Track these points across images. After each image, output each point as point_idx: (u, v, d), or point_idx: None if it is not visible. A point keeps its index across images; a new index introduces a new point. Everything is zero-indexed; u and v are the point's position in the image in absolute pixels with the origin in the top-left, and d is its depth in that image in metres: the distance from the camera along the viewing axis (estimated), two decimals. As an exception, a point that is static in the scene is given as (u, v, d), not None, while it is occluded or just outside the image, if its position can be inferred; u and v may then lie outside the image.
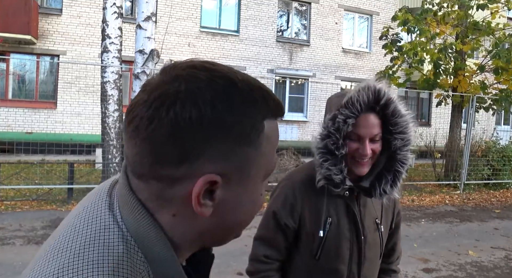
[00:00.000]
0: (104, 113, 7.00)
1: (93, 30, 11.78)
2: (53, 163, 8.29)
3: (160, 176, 0.48)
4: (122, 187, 0.52)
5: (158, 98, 0.47)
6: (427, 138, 10.50)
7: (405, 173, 1.22)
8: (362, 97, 1.14)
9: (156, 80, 0.49)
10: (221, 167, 0.48)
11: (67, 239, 0.50)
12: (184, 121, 0.45)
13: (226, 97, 0.47)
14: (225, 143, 0.47)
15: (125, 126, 0.50)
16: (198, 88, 0.47)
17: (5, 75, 11.31)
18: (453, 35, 10.00)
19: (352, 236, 1.25)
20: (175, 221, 0.51)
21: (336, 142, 1.16)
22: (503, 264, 4.62)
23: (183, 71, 0.49)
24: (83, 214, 0.53)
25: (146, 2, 6.85)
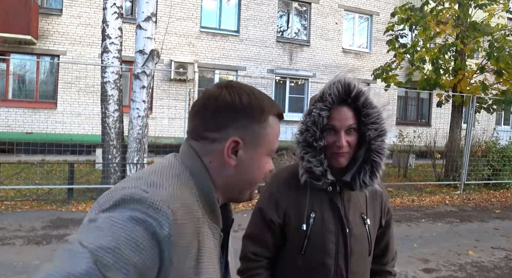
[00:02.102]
0: (104, 113, 7.00)
1: (93, 30, 11.78)
2: (53, 163, 8.29)
3: (206, 137, 0.81)
4: (184, 146, 0.85)
5: (210, 92, 0.83)
6: (427, 138, 10.51)
7: (383, 164, 1.25)
8: (333, 90, 1.21)
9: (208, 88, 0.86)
10: (242, 134, 0.81)
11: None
12: (222, 104, 0.80)
13: (248, 95, 0.82)
14: (245, 120, 0.81)
15: (190, 113, 0.85)
16: (230, 87, 0.82)
17: (5, 75, 11.31)
18: (453, 35, 10.00)
19: (337, 230, 1.26)
20: (212, 166, 0.82)
21: (314, 134, 1.22)
22: (503, 264, 4.62)
23: (225, 83, 0.85)
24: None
25: (146, 2, 6.85)
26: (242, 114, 0.80)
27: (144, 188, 0.70)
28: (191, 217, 0.73)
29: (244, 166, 0.82)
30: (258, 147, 0.83)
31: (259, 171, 0.85)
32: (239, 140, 0.80)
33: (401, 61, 10.21)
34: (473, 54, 9.81)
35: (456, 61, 9.60)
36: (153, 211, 0.66)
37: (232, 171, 0.82)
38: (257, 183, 0.87)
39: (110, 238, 0.62)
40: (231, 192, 0.85)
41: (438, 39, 9.96)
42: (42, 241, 4.58)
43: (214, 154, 0.81)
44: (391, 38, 10.12)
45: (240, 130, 0.80)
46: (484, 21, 9.62)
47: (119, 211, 0.66)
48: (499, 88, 9.99)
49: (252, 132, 0.81)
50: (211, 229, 0.80)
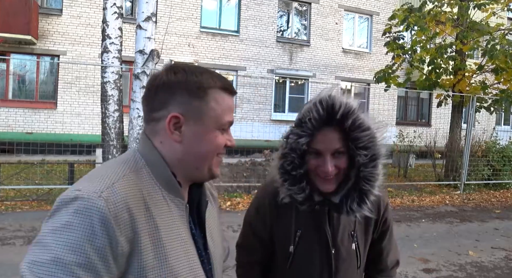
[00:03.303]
0: (104, 113, 7.00)
1: (93, 30, 11.78)
2: (53, 163, 8.28)
3: (153, 118, 0.85)
4: (140, 134, 0.90)
5: (153, 75, 0.86)
6: (427, 138, 10.50)
7: (375, 190, 1.12)
8: (313, 114, 1.05)
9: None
10: (182, 110, 0.83)
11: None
12: (160, 84, 0.84)
13: (184, 71, 0.84)
14: (183, 95, 0.83)
15: (141, 100, 0.89)
16: (169, 67, 0.86)
17: (5, 75, 11.31)
18: (453, 35, 10.00)
19: (322, 248, 1.20)
20: (162, 146, 0.85)
21: (292, 161, 1.10)
22: (503, 265, 4.62)
23: (169, 64, 0.89)
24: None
25: (146, 2, 6.84)
26: (179, 90, 0.82)
27: (78, 187, 0.75)
28: (136, 199, 0.77)
29: (190, 142, 0.84)
30: (201, 121, 0.84)
31: (208, 145, 0.86)
32: (179, 115, 0.82)
33: (401, 63, 10.21)
34: (472, 53, 9.81)
35: (456, 61, 9.60)
36: (85, 204, 0.71)
37: (180, 147, 0.84)
38: (212, 158, 0.88)
39: (51, 250, 0.68)
40: (187, 169, 0.87)
41: (437, 39, 9.96)
42: (42, 241, 4.57)
43: (162, 133, 0.84)
44: (389, 40, 10.13)
45: (180, 106, 0.82)
46: (483, 20, 9.63)
47: (58, 216, 0.72)
48: (499, 88, 9.99)
49: (192, 107, 0.83)
50: (175, 203, 0.85)
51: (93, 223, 0.70)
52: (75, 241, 0.69)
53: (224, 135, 0.89)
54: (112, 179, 0.77)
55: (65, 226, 0.70)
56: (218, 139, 0.87)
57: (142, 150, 0.86)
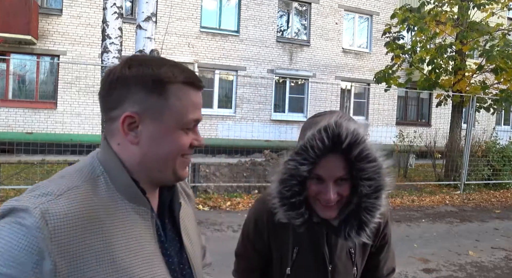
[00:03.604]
0: (104, 113, 7.00)
1: (93, 31, 11.78)
2: (53, 163, 8.28)
3: (109, 118, 0.78)
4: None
5: (107, 70, 0.79)
6: (427, 138, 10.51)
7: (375, 218, 1.08)
8: (317, 143, 0.98)
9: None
10: (139, 108, 0.75)
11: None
12: (114, 79, 0.75)
13: (140, 65, 0.76)
14: (140, 93, 0.75)
15: (98, 95, 0.80)
16: (125, 61, 0.78)
17: (5, 75, 11.30)
18: (453, 35, 10.01)
19: (319, 265, 1.19)
20: (120, 149, 0.78)
21: (292, 188, 1.05)
22: (503, 265, 4.62)
23: (126, 57, 0.81)
24: None
25: (146, 2, 6.84)
26: (134, 86, 0.74)
27: (19, 197, 0.71)
28: (84, 215, 0.69)
29: (148, 143, 0.76)
30: (160, 120, 0.76)
31: (169, 146, 0.78)
32: (133, 115, 0.74)
33: (401, 63, 10.22)
34: (472, 53, 9.81)
35: (456, 61, 9.60)
36: (19, 215, 0.66)
37: (138, 149, 0.77)
38: (174, 160, 0.79)
39: None
40: (149, 173, 0.79)
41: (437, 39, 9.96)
42: (42, 241, 4.57)
43: (118, 134, 0.77)
44: (389, 40, 10.13)
45: (136, 104, 0.75)
46: (483, 20, 9.63)
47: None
48: (499, 88, 9.99)
49: (149, 104, 0.75)
50: (138, 213, 0.77)
51: (20, 236, 0.64)
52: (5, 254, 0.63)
53: (189, 135, 0.80)
54: (59, 190, 0.70)
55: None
56: (180, 140, 0.79)
57: (101, 155, 0.79)
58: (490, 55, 8.70)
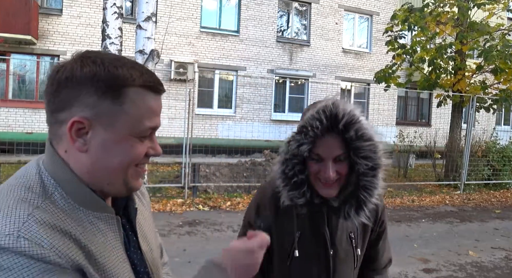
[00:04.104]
0: (104, 113, 7.00)
1: (93, 31, 11.78)
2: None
3: (55, 120, 0.70)
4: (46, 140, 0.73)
5: (55, 67, 0.70)
6: (427, 138, 10.51)
7: (374, 199, 1.12)
8: (315, 123, 1.05)
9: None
10: (88, 113, 0.67)
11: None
12: (63, 78, 0.67)
13: (94, 64, 0.68)
14: (92, 97, 0.67)
15: (43, 94, 0.72)
16: (77, 58, 0.69)
17: (5, 76, 11.31)
18: (453, 35, 10.01)
19: (320, 249, 1.22)
20: (67, 156, 0.70)
21: (294, 167, 1.11)
22: (503, 265, 4.62)
23: (78, 52, 0.72)
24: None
25: (146, 2, 6.85)
26: (85, 87, 0.66)
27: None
28: (61, 234, 0.63)
29: (98, 152, 0.69)
30: (113, 127, 0.69)
31: (121, 156, 0.70)
32: (82, 120, 0.67)
33: (402, 62, 10.22)
34: (472, 53, 9.82)
35: (456, 61, 9.60)
36: (5, 252, 0.58)
37: (87, 158, 0.69)
38: (126, 170, 0.72)
39: None
40: (99, 184, 0.72)
41: (437, 39, 9.97)
42: (42, 241, 4.57)
43: (65, 139, 0.69)
44: (390, 39, 10.13)
45: (86, 108, 0.67)
46: (483, 20, 9.63)
47: None
48: (499, 88, 9.99)
49: (101, 109, 0.67)
50: (103, 220, 0.72)
51: (29, 271, 0.58)
52: None
53: (144, 143, 0.73)
54: (21, 215, 0.62)
55: None
56: (134, 149, 0.71)
57: (49, 165, 0.71)
58: (489, 55, 8.70)
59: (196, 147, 8.25)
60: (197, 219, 5.76)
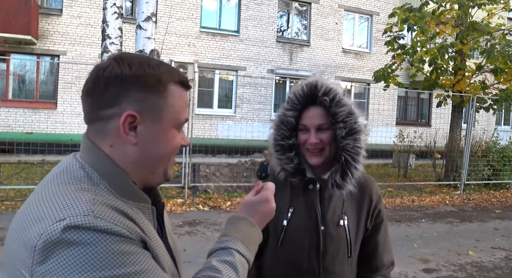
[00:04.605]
0: (104, 113, 7.00)
1: (93, 31, 11.78)
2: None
3: (102, 116, 0.74)
4: (82, 139, 0.78)
5: (97, 66, 0.75)
6: (427, 138, 10.51)
7: (358, 164, 1.23)
8: (298, 91, 1.25)
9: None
10: (138, 108, 0.73)
11: (49, 176, 0.76)
12: (112, 77, 0.72)
13: (139, 63, 0.74)
14: (139, 91, 0.73)
15: (81, 94, 0.77)
16: (120, 58, 0.75)
17: (5, 75, 11.31)
18: (453, 35, 10.01)
19: (311, 226, 1.27)
20: (114, 150, 0.75)
21: (283, 133, 1.26)
22: (503, 265, 4.62)
23: (115, 54, 0.78)
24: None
25: (146, 2, 6.84)
26: (135, 85, 0.73)
27: (57, 216, 0.64)
28: (117, 214, 0.69)
29: (147, 143, 0.75)
30: (160, 119, 0.76)
31: (166, 145, 0.78)
32: (135, 114, 0.73)
33: (401, 62, 10.21)
34: (472, 53, 9.82)
35: (456, 61, 9.60)
36: (86, 231, 0.62)
37: (135, 150, 0.75)
38: (168, 160, 0.80)
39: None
40: (142, 174, 0.78)
41: (438, 39, 9.96)
42: (42, 241, 4.57)
43: (113, 134, 0.74)
44: (389, 40, 10.13)
45: (136, 103, 0.73)
46: (484, 20, 9.63)
47: (57, 257, 0.61)
48: (499, 88, 9.99)
49: (150, 103, 0.74)
50: (141, 209, 0.77)
51: (112, 245, 0.63)
52: (103, 259, 0.62)
53: (180, 134, 0.81)
54: (88, 199, 0.67)
55: (74, 264, 0.61)
56: (176, 139, 0.80)
57: (91, 160, 0.75)
58: (491, 54, 8.70)
59: (196, 147, 8.25)
60: (197, 219, 5.76)
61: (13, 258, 0.67)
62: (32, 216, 0.67)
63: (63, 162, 0.78)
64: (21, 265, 0.64)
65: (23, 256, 0.64)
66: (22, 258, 0.64)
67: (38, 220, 0.65)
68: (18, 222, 0.70)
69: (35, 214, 0.66)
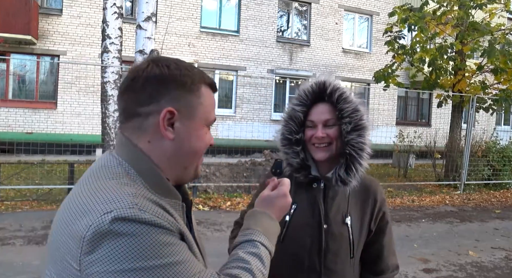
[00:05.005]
0: (104, 113, 7.00)
1: (93, 30, 11.78)
2: (53, 163, 8.28)
3: (140, 113, 0.78)
4: (117, 136, 0.83)
5: (136, 67, 0.80)
6: (427, 138, 10.50)
7: (363, 160, 1.26)
8: (307, 88, 1.31)
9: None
10: (176, 105, 0.78)
11: (87, 174, 0.80)
12: (152, 76, 0.78)
13: (176, 65, 0.81)
14: (177, 90, 0.79)
15: (118, 93, 0.82)
16: (157, 60, 0.81)
17: (5, 75, 11.31)
18: (453, 35, 10.00)
19: (314, 224, 1.27)
20: (151, 146, 0.79)
21: (291, 128, 1.31)
22: (503, 265, 4.62)
23: (151, 57, 0.83)
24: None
25: (146, 2, 6.84)
26: (173, 84, 0.79)
27: (104, 209, 0.67)
28: (157, 207, 0.73)
29: (183, 139, 0.80)
30: (194, 117, 0.81)
31: (200, 142, 0.83)
32: (174, 111, 0.78)
33: (401, 62, 10.21)
34: (472, 54, 9.81)
35: (456, 61, 9.60)
36: (132, 223, 0.66)
37: (172, 145, 0.80)
38: (200, 157, 0.86)
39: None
40: (176, 169, 0.83)
41: (438, 39, 9.96)
42: (42, 241, 4.58)
43: (151, 130, 0.78)
44: (390, 39, 10.12)
45: (173, 101, 0.78)
46: (484, 21, 9.62)
47: (105, 247, 0.65)
48: (499, 88, 9.99)
49: (185, 102, 0.80)
50: (172, 206, 0.80)
51: (156, 237, 0.68)
52: (152, 248, 0.66)
53: (209, 133, 0.87)
54: (131, 193, 0.71)
55: (121, 251, 0.65)
56: (208, 136, 0.85)
57: (127, 156, 0.78)
58: (492, 53, 8.69)
59: (196, 147, 8.23)
60: (197, 219, 5.72)
61: (60, 250, 0.70)
62: (78, 209, 0.70)
63: (100, 159, 0.82)
64: (69, 256, 0.67)
65: (71, 248, 0.67)
66: (70, 249, 0.67)
67: (85, 213, 0.68)
68: (63, 216, 0.73)
69: (82, 208, 0.70)
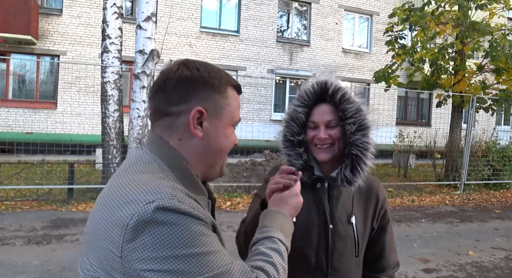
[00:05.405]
0: (104, 113, 7.00)
1: (93, 30, 11.78)
2: (53, 163, 8.28)
3: (171, 112, 0.83)
4: (149, 133, 0.87)
5: (167, 69, 0.86)
6: (427, 138, 10.50)
7: (368, 160, 1.27)
8: (309, 89, 1.29)
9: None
10: (205, 105, 0.83)
11: (121, 169, 0.84)
12: (182, 78, 0.83)
13: (205, 67, 0.86)
14: (205, 90, 0.83)
15: (150, 93, 0.87)
16: (187, 63, 0.86)
17: (5, 75, 11.31)
18: (453, 35, 10.00)
19: (320, 224, 1.28)
20: (181, 144, 0.83)
21: (293, 129, 1.30)
22: (503, 265, 4.62)
23: (180, 60, 0.89)
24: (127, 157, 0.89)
25: (146, 2, 6.84)
26: (202, 85, 0.83)
27: (146, 199, 0.71)
28: (191, 200, 0.77)
29: (211, 137, 0.85)
30: (221, 117, 0.86)
31: (226, 141, 0.88)
32: (203, 110, 0.82)
33: (402, 62, 10.20)
34: (472, 54, 9.81)
35: (456, 61, 9.59)
36: (172, 213, 0.70)
37: (200, 143, 0.84)
38: (225, 155, 0.91)
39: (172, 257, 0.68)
40: (204, 167, 0.87)
41: (438, 39, 9.96)
42: (42, 241, 4.58)
43: (181, 128, 0.83)
44: (390, 39, 10.11)
45: (202, 101, 0.83)
46: (484, 21, 9.62)
47: (147, 235, 0.69)
48: (499, 88, 9.99)
49: (213, 102, 0.84)
50: (199, 202, 0.82)
51: (193, 227, 0.71)
52: (191, 238, 0.70)
53: (234, 133, 0.92)
54: (169, 186, 0.75)
55: (163, 237, 0.68)
56: (233, 135, 0.91)
57: (160, 153, 0.83)
58: (495, 54, 8.68)
59: (196, 147, 8.23)
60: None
61: (100, 238, 0.73)
62: (120, 200, 0.74)
63: (131, 155, 0.86)
64: (110, 243, 0.71)
65: (113, 235, 0.71)
66: (111, 237, 0.71)
67: (128, 203, 0.72)
68: (102, 207, 0.77)
69: (123, 198, 0.73)
